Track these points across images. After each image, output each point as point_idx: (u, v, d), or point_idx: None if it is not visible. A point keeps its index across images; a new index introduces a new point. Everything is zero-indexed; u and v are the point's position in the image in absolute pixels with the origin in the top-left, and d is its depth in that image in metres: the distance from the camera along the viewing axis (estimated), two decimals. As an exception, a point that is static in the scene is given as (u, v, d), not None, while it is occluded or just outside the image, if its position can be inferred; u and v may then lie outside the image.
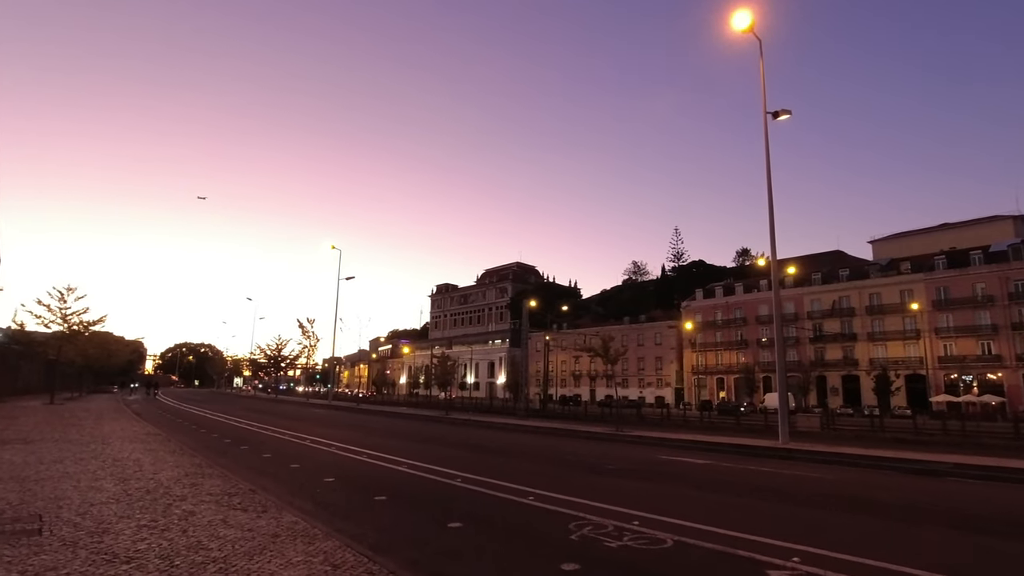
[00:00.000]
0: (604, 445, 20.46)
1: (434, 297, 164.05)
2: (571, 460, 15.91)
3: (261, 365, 71.16)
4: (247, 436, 20.66)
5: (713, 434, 24.46)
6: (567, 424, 30.06)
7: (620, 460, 15.92)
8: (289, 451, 16.50)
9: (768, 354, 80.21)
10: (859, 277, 74.99)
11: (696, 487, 11.88)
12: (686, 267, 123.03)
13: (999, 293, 62.59)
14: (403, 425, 29.26)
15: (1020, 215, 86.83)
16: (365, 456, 15.45)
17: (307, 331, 57.16)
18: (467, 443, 20.06)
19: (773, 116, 20.10)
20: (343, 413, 39.00)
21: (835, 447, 17.47)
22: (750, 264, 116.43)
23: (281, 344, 65.43)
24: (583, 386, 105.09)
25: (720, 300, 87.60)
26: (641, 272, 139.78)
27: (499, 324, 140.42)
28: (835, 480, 13.09)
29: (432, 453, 16.54)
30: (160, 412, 35.63)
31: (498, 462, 15.31)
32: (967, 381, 64.11)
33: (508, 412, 43.66)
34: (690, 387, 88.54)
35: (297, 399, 65.60)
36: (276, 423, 27.17)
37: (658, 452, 17.73)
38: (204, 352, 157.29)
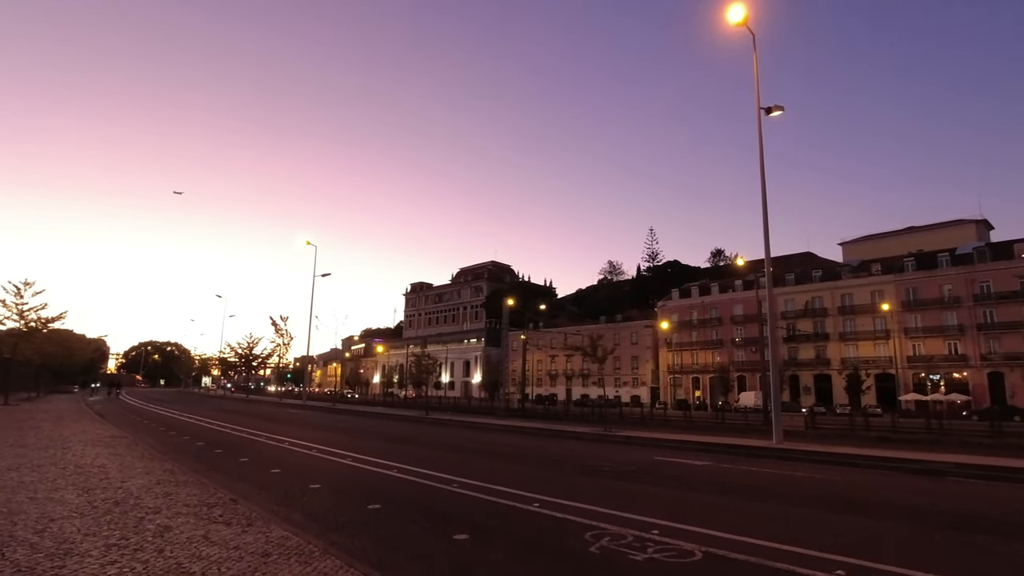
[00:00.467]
0: (595, 446, 19.95)
1: (408, 296, 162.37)
2: (566, 462, 15.33)
3: (231, 364, 68.95)
4: (221, 439, 19.57)
5: (701, 433, 24.19)
6: (551, 424, 29.52)
7: (616, 462, 15.39)
8: (268, 455, 15.56)
9: (743, 353, 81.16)
10: (831, 278, 76.30)
11: (706, 491, 11.38)
12: (661, 267, 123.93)
13: (965, 294, 64.21)
14: (384, 426, 28.35)
15: (982, 219, 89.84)
16: (350, 460, 14.62)
17: (280, 329, 55.57)
18: (454, 445, 19.36)
19: (766, 112, 19.85)
20: (320, 414, 37.80)
21: (828, 447, 17.27)
22: (725, 264, 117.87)
23: (253, 342, 63.64)
24: (559, 385, 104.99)
25: (696, 300, 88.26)
26: (617, 272, 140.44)
27: (474, 323, 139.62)
28: (844, 482, 12.75)
29: (420, 456, 15.80)
30: (124, 413, 34.02)
31: (491, 465, 14.66)
32: (934, 380, 65.65)
33: (487, 412, 42.96)
34: (666, 386, 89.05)
35: (270, 399, 63.76)
36: (250, 424, 26.02)
37: (652, 453, 17.27)
38: (170, 351, 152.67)
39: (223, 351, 68.47)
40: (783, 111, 19.97)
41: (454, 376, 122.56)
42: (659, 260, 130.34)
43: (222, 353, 69.75)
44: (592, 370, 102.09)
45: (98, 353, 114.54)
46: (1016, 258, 62.74)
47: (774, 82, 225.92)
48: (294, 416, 34.57)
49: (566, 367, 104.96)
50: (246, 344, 63.34)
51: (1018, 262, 62.17)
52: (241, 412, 37.15)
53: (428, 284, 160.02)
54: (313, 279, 46.00)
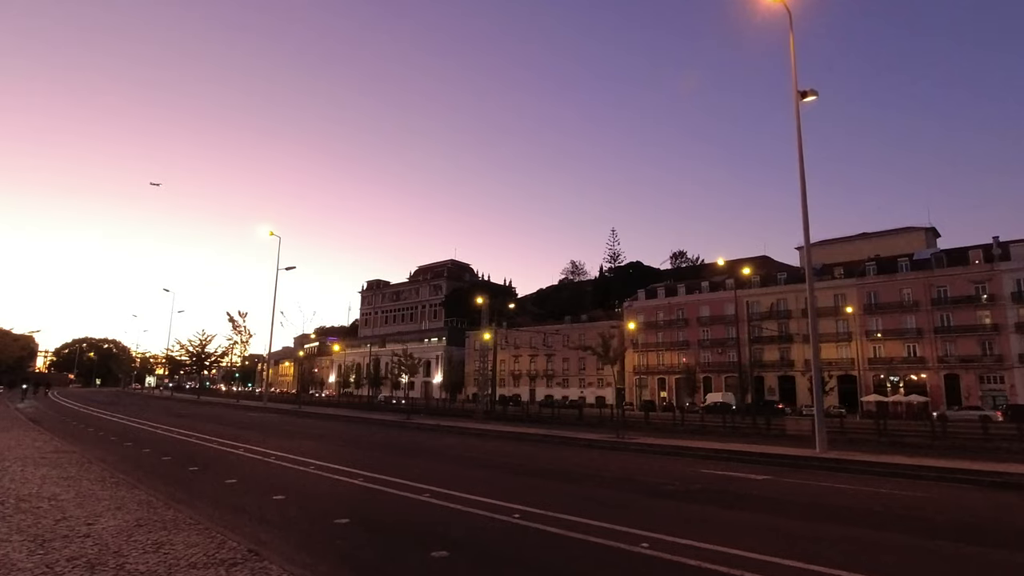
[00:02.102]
0: (618, 456, 18.11)
1: (365, 293, 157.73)
2: (616, 479, 13.34)
3: (179, 363, 63.89)
4: (190, 451, 16.75)
5: (720, 440, 22.67)
6: (551, 430, 27.49)
7: (663, 476, 13.60)
8: (258, 474, 13.01)
9: (709, 355, 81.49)
10: (796, 281, 77.33)
11: (813, 517, 9.62)
12: (623, 268, 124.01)
13: (924, 298, 66.00)
14: (371, 433, 25.67)
15: (931, 227, 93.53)
16: (361, 480, 12.22)
17: (239, 325, 51.40)
18: (469, 459, 17.09)
19: (801, 96, 18.50)
20: (290, 418, 34.52)
21: (873, 455, 15.97)
22: (687, 266, 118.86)
23: (205, 339, 58.84)
24: (523, 386, 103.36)
25: (662, 301, 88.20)
26: (579, 272, 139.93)
27: (433, 322, 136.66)
28: (935, 499, 11.31)
29: (443, 474, 13.57)
30: (64, 419, 30.11)
31: (537, 485, 12.51)
32: (894, 382, 67.19)
33: (466, 415, 40.65)
34: (631, 387, 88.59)
35: (224, 400, 59.10)
36: (217, 432, 22.95)
37: (690, 465, 15.55)
38: (108, 348, 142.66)
39: (171, 348, 63.50)
40: (817, 96, 18.66)
41: (414, 376, 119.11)
42: (621, 261, 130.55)
43: (170, 351, 64.60)
44: (556, 370, 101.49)
45: (26, 351, 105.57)
46: (970, 264, 64.86)
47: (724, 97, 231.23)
48: (263, 421, 31.38)
49: (529, 367, 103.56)
50: (198, 341, 58.71)
51: (972, 268, 64.29)
52: (198, 416, 33.64)
53: (385, 282, 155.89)
54: (276, 272, 42.64)
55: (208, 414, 36.05)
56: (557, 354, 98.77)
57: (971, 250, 66.30)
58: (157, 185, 51.41)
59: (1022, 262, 61.45)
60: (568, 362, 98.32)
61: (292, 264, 43.76)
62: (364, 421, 32.98)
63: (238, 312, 51.50)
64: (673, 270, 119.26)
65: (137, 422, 27.85)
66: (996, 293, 62.07)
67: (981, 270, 63.46)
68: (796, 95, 18.34)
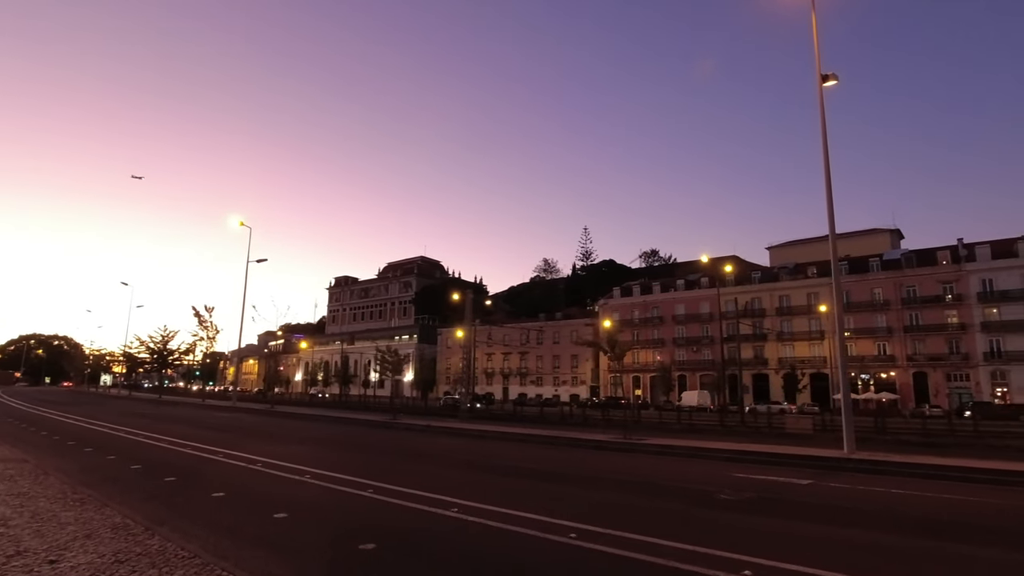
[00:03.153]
0: (638, 459, 16.92)
1: (332, 290, 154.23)
2: (649, 484, 12.14)
3: (138, 360, 60.11)
4: (163, 458, 14.87)
5: (728, 440, 21.69)
6: (550, 430, 26.09)
7: (703, 482, 12.46)
8: (249, 485, 11.34)
9: (684, 353, 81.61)
10: (769, 280, 78.04)
11: (908, 531, 8.55)
12: (596, 266, 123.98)
13: (894, 298, 67.22)
14: (360, 436, 23.79)
15: (895, 229, 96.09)
16: (371, 492, 10.64)
17: (205, 320, 48.32)
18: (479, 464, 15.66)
19: (823, 80, 17.66)
20: (265, 418, 32.30)
21: (904, 456, 15.19)
22: (660, 264, 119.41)
23: (168, 335, 55.36)
24: (496, 384, 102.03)
25: (637, 299, 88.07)
26: (551, 270, 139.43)
27: (403, 319, 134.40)
28: (1006, 508, 10.43)
29: (464, 483, 12.16)
30: (13, 421, 27.33)
31: (569, 493, 11.22)
32: (865, 379, 68.24)
33: (448, 414, 39.07)
34: (606, 385, 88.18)
35: (189, 400, 55.66)
36: (189, 435, 20.87)
37: (721, 469, 14.44)
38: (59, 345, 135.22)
39: (130, 345, 59.70)
40: (837, 81, 17.85)
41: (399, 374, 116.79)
42: (593, 259, 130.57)
43: (128, 347, 60.76)
44: (530, 368, 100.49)
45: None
46: (938, 264, 66.32)
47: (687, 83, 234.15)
48: (237, 422, 29.17)
49: (503, 365, 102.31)
50: (160, 337, 55.17)
51: (940, 268, 65.74)
52: (164, 417, 31.20)
53: (353, 278, 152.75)
54: (247, 264, 40.14)
55: (174, 415, 33.56)
56: (531, 352, 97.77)
57: (939, 251, 67.85)
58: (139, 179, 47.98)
59: (987, 263, 63.05)
60: (542, 360, 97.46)
61: (263, 256, 41.23)
62: (347, 421, 31.04)
63: (204, 307, 48.63)
64: (646, 269, 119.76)
65: (96, 424, 25.44)
66: (963, 293, 63.54)
67: (949, 270, 64.89)
68: (819, 79, 17.48)
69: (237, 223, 39.82)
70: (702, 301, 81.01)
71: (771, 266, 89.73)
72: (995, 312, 61.92)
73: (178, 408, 40.86)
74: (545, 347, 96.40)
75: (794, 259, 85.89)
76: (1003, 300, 61.34)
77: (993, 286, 62.22)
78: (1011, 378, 60.50)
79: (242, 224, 40.06)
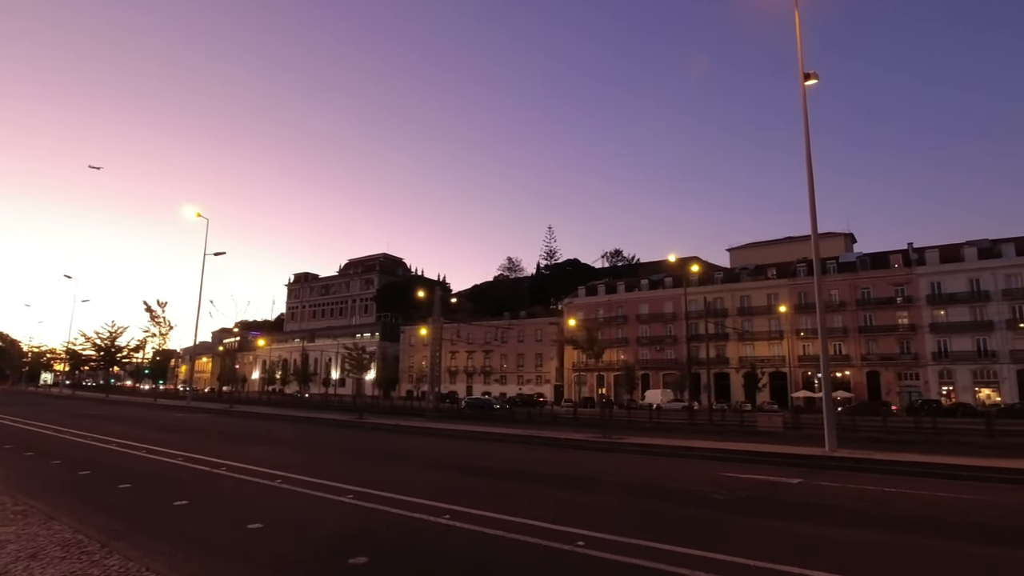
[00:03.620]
0: (621, 458, 16.54)
1: (291, 287, 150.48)
2: (640, 485, 11.72)
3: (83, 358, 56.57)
4: (114, 462, 13.66)
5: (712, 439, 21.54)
6: (522, 430, 25.52)
7: (693, 481, 12.15)
8: (215, 492, 10.40)
9: (647, 352, 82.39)
10: (731, 280, 79.51)
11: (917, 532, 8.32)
12: (560, 265, 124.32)
13: (850, 299, 69.31)
14: (328, 436, 22.74)
15: (849, 233, 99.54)
16: (359, 499, 9.89)
17: (157, 316, 45.73)
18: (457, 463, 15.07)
19: (805, 78, 17.64)
20: (224, 419, 30.55)
21: (884, 454, 15.21)
22: (623, 264, 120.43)
23: (116, 332, 52.20)
24: (459, 383, 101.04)
25: (602, 298, 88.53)
26: (516, 269, 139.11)
27: (364, 317, 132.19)
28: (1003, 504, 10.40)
29: (442, 484, 11.48)
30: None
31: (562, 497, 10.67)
32: (820, 378, 70.07)
33: (414, 412, 38.14)
34: (570, 384, 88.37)
35: (138, 399, 52.64)
36: (142, 437, 19.39)
37: (706, 468, 14.17)
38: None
39: (74, 341, 56.10)
40: (818, 80, 17.86)
41: (345, 372, 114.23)
42: (557, 258, 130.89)
43: (72, 344, 57.06)
44: (494, 367, 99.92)
45: None
46: (891, 268, 68.74)
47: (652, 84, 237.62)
48: (194, 422, 27.47)
49: (467, 364, 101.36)
50: (107, 333, 51.98)
51: (893, 271, 68.14)
52: (114, 417, 29.26)
53: (314, 275, 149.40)
54: (204, 257, 38.21)
55: (124, 415, 31.55)
56: (496, 351, 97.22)
57: (891, 254, 70.27)
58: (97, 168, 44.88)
59: (936, 266, 65.63)
60: (507, 359, 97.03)
61: (221, 250, 39.41)
62: (312, 421, 29.76)
63: (157, 301, 45.93)
64: (610, 268, 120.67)
65: (36, 425, 23.61)
66: (914, 295, 65.96)
67: (901, 273, 67.27)
68: (801, 76, 17.45)
69: (194, 214, 37.91)
70: (665, 301, 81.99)
71: (732, 267, 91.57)
72: (943, 314, 64.46)
73: (128, 408, 38.59)
74: (510, 346, 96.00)
75: (754, 260, 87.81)
76: (950, 302, 63.93)
77: (941, 289, 64.78)
78: (956, 377, 63.11)
79: (199, 215, 38.18)
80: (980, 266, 63.23)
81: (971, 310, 62.98)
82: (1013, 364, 60.22)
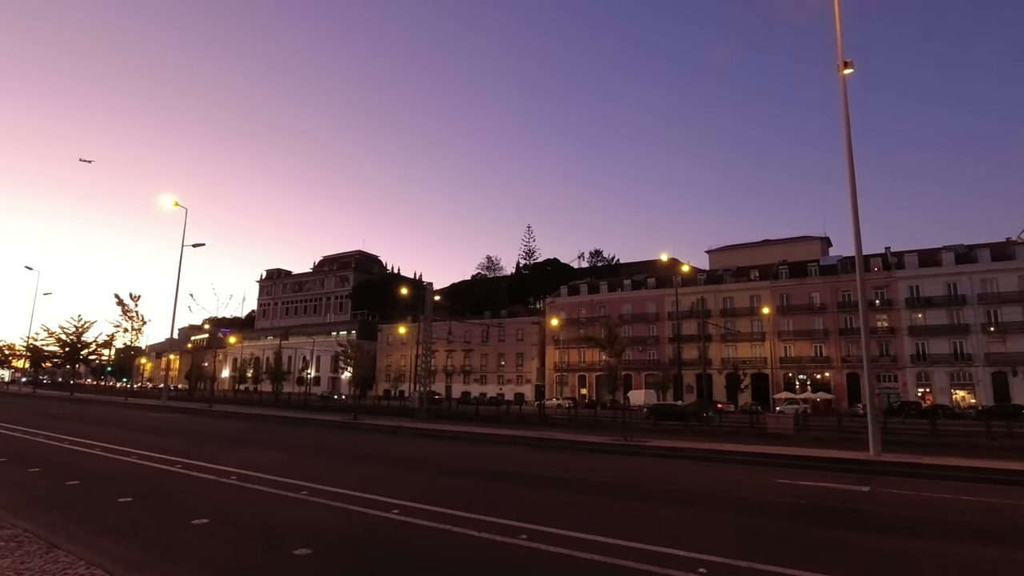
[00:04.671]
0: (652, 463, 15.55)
1: (263, 283, 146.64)
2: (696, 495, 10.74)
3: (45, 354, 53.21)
4: (102, 470, 12.05)
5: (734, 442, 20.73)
6: (530, 431, 24.30)
7: (755, 489, 11.21)
8: (236, 506, 9.03)
9: (630, 352, 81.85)
10: (714, 282, 79.75)
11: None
12: (540, 265, 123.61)
13: (830, 302, 70.07)
14: (331, 439, 21.06)
15: (825, 237, 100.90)
16: (405, 514, 8.65)
17: (129, 310, 43.04)
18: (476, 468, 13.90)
19: (845, 65, 16.97)
20: (209, 419, 28.40)
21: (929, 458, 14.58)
22: (603, 264, 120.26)
23: (83, 326, 49.08)
24: (439, 382, 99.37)
25: (584, 298, 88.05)
26: (495, 268, 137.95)
27: (339, 315, 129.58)
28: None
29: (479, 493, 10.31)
30: None
31: (616, 507, 9.64)
32: (802, 380, 70.75)
33: (404, 413, 36.66)
34: (551, 384, 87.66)
35: (107, 397, 49.43)
36: (125, 440, 17.61)
37: (755, 474, 13.30)
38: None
39: (35, 336, 52.70)
40: (853, 70, 17.22)
41: (320, 371, 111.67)
42: (536, 257, 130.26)
43: (33, 339, 53.57)
44: (474, 366, 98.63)
45: None
46: (871, 271, 69.62)
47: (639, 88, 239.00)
48: (179, 424, 25.43)
49: (446, 363, 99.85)
50: (73, 328, 48.82)
51: (873, 275, 68.96)
52: (87, 418, 27.06)
53: (287, 271, 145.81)
54: (181, 248, 35.99)
55: (97, 415, 29.30)
56: (476, 350, 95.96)
57: (872, 258, 71.14)
58: (89, 162, 41.94)
59: (915, 270, 66.75)
60: (487, 358, 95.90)
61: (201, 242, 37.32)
62: (304, 422, 27.99)
63: (129, 294, 43.26)
64: (590, 268, 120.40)
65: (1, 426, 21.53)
66: (893, 298, 66.98)
67: (881, 276, 68.18)
68: (840, 65, 16.75)
69: (171, 203, 35.80)
70: (648, 301, 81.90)
71: (714, 268, 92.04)
72: (920, 317, 65.59)
73: (98, 407, 36.15)
74: (490, 345, 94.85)
75: (733, 263, 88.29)
76: (928, 306, 65.06)
77: (920, 292, 65.90)
78: (933, 379, 64.28)
79: (176, 204, 36.08)
80: (957, 271, 64.54)
81: (948, 313, 64.21)
82: (988, 367, 61.55)
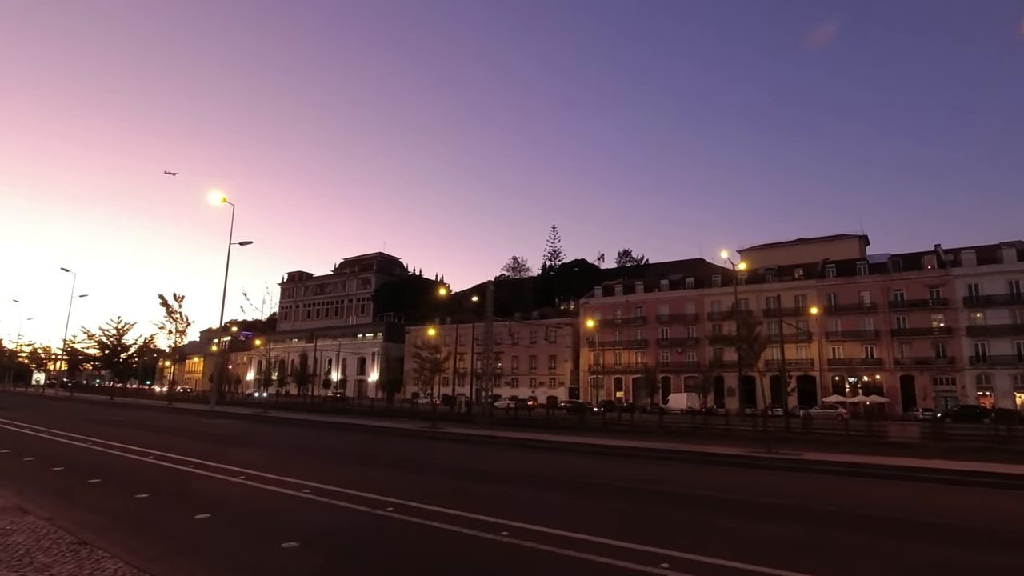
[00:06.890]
0: (827, 480, 13.48)
1: (285, 286, 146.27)
2: (967, 529, 8.66)
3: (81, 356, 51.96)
4: (229, 496, 10.15)
5: (861, 452, 18.56)
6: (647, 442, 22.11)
7: (988, 519, 9.08)
8: (371, 535, 7.12)
9: (668, 354, 79.68)
10: (756, 282, 77.10)
11: None
12: (568, 265, 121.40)
13: (881, 301, 67.21)
14: (415, 450, 19.36)
15: (863, 235, 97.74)
16: (604, 554, 6.70)
17: (173, 310, 41.45)
18: (626, 487, 11.87)
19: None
20: (270, 426, 26.43)
21: (1000, 466, 12.34)
22: (632, 265, 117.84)
23: (123, 328, 47.67)
24: (466, 385, 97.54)
25: (620, 299, 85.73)
26: (521, 269, 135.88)
27: (361, 317, 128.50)
28: None
29: (648, 521, 8.31)
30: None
31: (860, 542, 7.57)
32: (852, 383, 67.92)
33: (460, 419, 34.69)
34: (586, 387, 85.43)
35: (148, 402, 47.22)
36: (208, 453, 15.67)
37: (946, 493, 11.17)
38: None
39: (73, 339, 51.50)
40: None
41: (346, 374, 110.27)
42: (562, 258, 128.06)
43: (72, 341, 52.42)
44: (505, 369, 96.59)
45: None
46: (924, 269, 66.77)
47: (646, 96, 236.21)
48: (254, 434, 22.88)
49: (473, 366, 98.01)
50: (113, 330, 47.41)
51: (927, 273, 66.18)
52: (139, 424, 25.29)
53: (308, 274, 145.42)
54: (229, 246, 34.51)
55: (150, 421, 27.46)
56: (506, 352, 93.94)
57: (924, 255, 68.34)
58: (173, 174, 41.09)
59: (973, 268, 63.77)
60: (518, 360, 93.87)
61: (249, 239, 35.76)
62: (375, 430, 25.73)
63: (173, 295, 41.64)
64: (619, 269, 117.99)
65: (56, 434, 19.78)
66: (948, 297, 64.03)
67: (935, 275, 65.32)
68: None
69: (219, 199, 34.25)
70: (687, 302, 79.42)
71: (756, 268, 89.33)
72: (980, 317, 62.61)
73: (146, 413, 34.39)
74: (521, 347, 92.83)
75: (768, 262, 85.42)
76: (988, 305, 62.08)
77: (979, 291, 62.92)
78: (995, 382, 61.22)
79: (224, 200, 34.54)
80: (1020, 268, 61.50)
81: (1011, 313, 61.20)
82: (1055, 368, 58.52)
